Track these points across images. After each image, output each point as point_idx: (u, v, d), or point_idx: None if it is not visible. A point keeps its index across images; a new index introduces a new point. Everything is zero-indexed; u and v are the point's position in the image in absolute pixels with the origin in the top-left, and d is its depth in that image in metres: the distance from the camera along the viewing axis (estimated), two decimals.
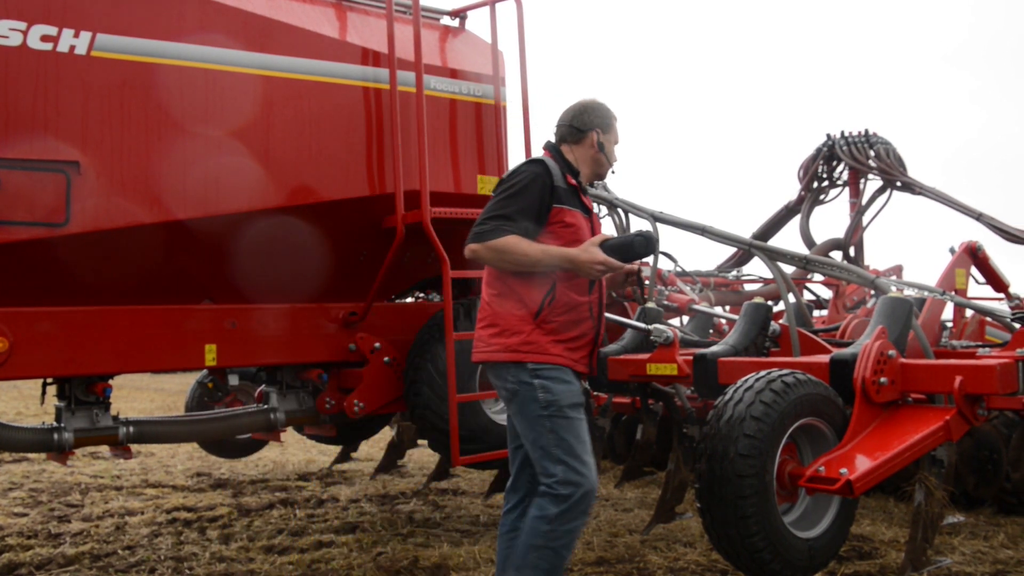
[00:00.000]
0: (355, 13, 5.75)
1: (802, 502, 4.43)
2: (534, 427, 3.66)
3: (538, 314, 3.68)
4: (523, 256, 3.60)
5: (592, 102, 4.03)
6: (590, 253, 3.65)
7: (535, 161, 3.81)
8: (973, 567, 5.32)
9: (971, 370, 4.63)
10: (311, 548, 5.98)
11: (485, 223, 3.66)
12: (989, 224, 8.12)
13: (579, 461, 3.63)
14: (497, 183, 3.85)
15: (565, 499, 3.59)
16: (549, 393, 3.64)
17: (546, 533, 3.57)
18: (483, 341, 3.79)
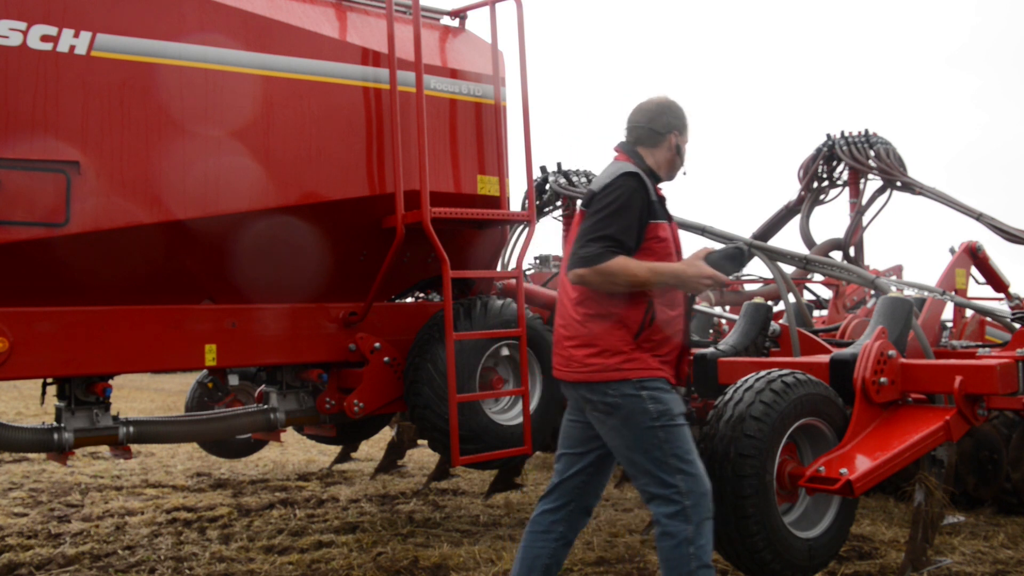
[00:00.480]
0: (355, 13, 5.75)
1: (802, 502, 4.43)
2: (644, 438, 3.52)
3: (639, 334, 3.57)
4: (632, 278, 3.48)
5: (669, 102, 3.86)
6: (697, 268, 3.57)
7: (631, 175, 3.60)
8: (973, 567, 5.32)
9: (971, 370, 4.63)
10: (311, 548, 5.98)
11: (590, 245, 3.50)
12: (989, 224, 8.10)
13: (694, 467, 3.55)
14: (590, 198, 3.66)
15: (693, 509, 3.50)
16: (659, 403, 3.53)
17: (694, 554, 3.48)
18: (577, 361, 3.61)
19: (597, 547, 5.86)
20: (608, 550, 5.78)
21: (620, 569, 5.37)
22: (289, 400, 5.82)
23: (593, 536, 6.15)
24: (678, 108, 3.84)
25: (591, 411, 3.66)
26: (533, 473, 8.78)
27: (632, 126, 3.84)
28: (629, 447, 3.57)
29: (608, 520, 6.66)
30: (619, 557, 5.61)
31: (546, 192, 8.95)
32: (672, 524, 3.49)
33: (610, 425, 3.59)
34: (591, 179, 8.71)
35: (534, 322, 6.18)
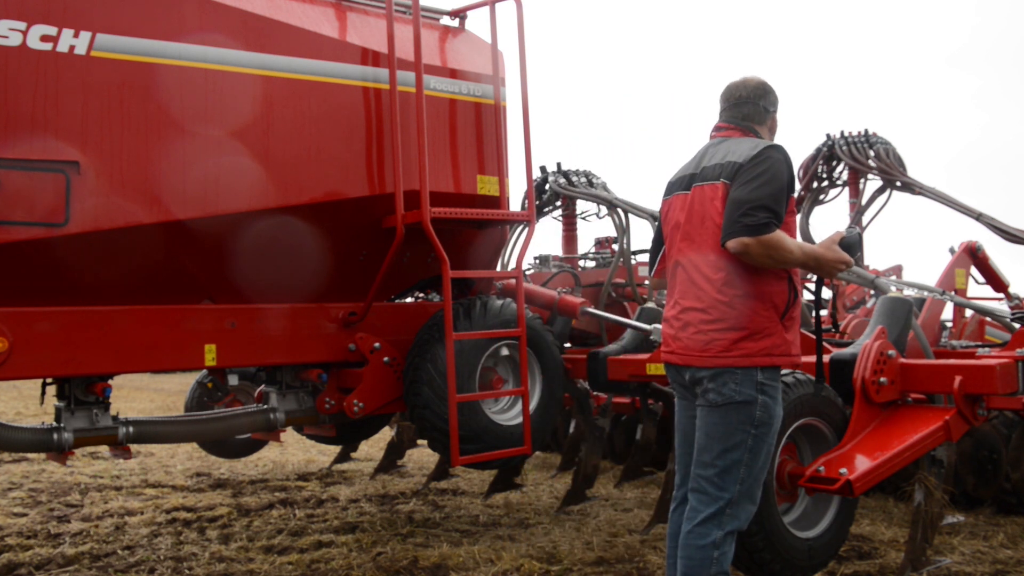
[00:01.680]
0: (355, 13, 5.75)
1: (802, 502, 4.44)
2: (734, 437, 3.47)
3: (785, 313, 3.51)
4: (788, 254, 3.39)
5: (765, 82, 3.79)
6: (835, 252, 3.52)
7: (776, 147, 3.52)
8: (972, 567, 5.32)
9: (971, 370, 4.64)
10: (311, 548, 5.98)
11: (752, 214, 3.36)
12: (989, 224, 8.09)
13: (755, 485, 3.52)
14: (735, 168, 3.49)
15: (730, 519, 3.47)
16: (766, 412, 3.49)
17: (717, 559, 3.45)
18: (720, 344, 3.47)
19: (597, 547, 5.86)
20: (608, 550, 5.78)
21: (619, 569, 5.37)
22: (289, 400, 5.82)
23: (593, 536, 6.15)
24: (766, 86, 3.80)
25: (702, 397, 3.56)
26: (533, 473, 8.78)
27: (739, 101, 3.75)
28: (715, 437, 3.51)
29: (608, 520, 6.66)
30: (619, 557, 5.61)
31: (546, 192, 8.96)
32: (703, 526, 3.48)
33: (716, 415, 3.53)
34: (591, 179, 8.71)
35: (534, 322, 6.18)
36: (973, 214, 8.18)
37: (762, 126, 3.75)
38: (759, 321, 3.46)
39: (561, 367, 6.33)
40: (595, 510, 7.00)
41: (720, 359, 3.48)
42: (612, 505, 7.21)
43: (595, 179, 8.75)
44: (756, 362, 3.46)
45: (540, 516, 6.91)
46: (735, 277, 3.47)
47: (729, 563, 3.48)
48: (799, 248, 3.45)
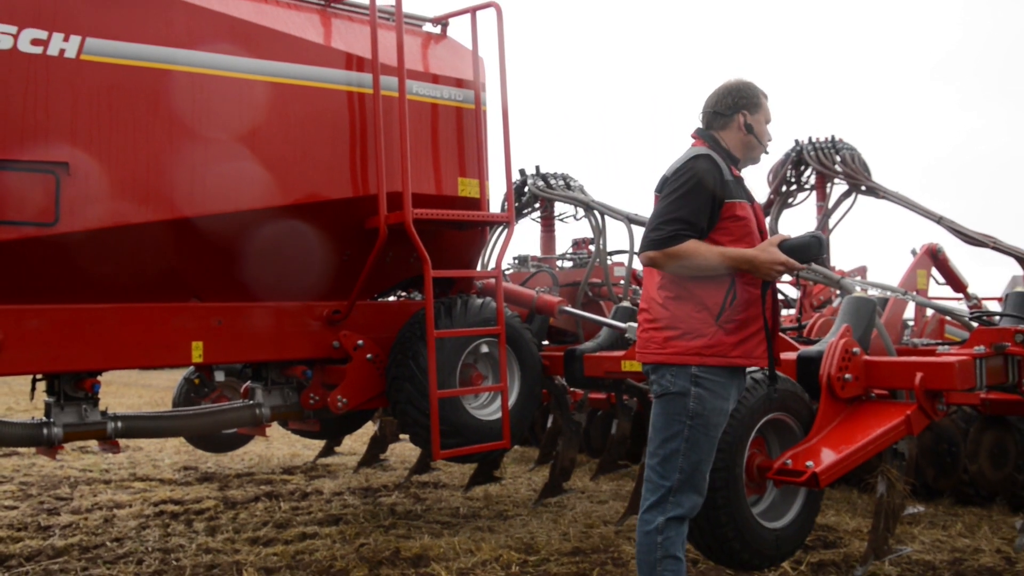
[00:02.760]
0: (339, 19, 5.72)
1: (770, 494, 4.46)
2: (672, 429, 3.50)
3: (720, 315, 3.49)
4: (703, 261, 3.40)
5: (736, 82, 3.72)
6: (770, 254, 3.45)
7: (702, 156, 3.52)
8: (932, 555, 5.36)
9: (931, 367, 4.68)
10: (295, 540, 5.95)
11: (660, 228, 3.42)
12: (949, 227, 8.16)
13: (696, 476, 3.51)
14: (662, 183, 3.56)
15: (672, 507, 3.49)
16: (700, 405, 3.48)
17: (661, 543, 3.47)
18: (657, 343, 3.55)
19: (573, 537, 5.87)
20: (583, 540, 5.79)
21: (595, 559, 5.38)
22: (274, 396, 5.80)
23: (569, 527, 6.16)
24: (746, 87, 3.71)
25: (651, 388, 3.61)
26: (512, 466, 8.78)
27: (703, 112, 3.75)
28: (656, 428, 3.56)
29: (584, 512, 6.67)
30: (594, 547, 5.62)
31: (525, 194, 8.95)
32: (648, 513, 3.52)
33: (655, 405, 3.58)
34: (568, 182, 8.72)
35: (513, 320, 6.18)
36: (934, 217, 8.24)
37: (724, 130, 3.68)
38: (691, 323, 3.49)
39: (539, 364, 6.33)
40: (571, 502, 7.01)
41: (655, 355, 3.55)
42: (588, 497, 7.22)
43: (572, 182, 8.76)
44: (687, 360, 3.48)
45: (518, 508, 6.92)
46: (668, 281, 3.54)
47: (677, 548, 3.48)
48: (721, 255, 3.42)
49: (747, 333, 3.54)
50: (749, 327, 3.54)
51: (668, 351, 3.51)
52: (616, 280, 8.17)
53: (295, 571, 5.21)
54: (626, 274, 8.00)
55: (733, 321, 3.50)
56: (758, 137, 3.70)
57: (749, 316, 3.54)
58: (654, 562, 3.46)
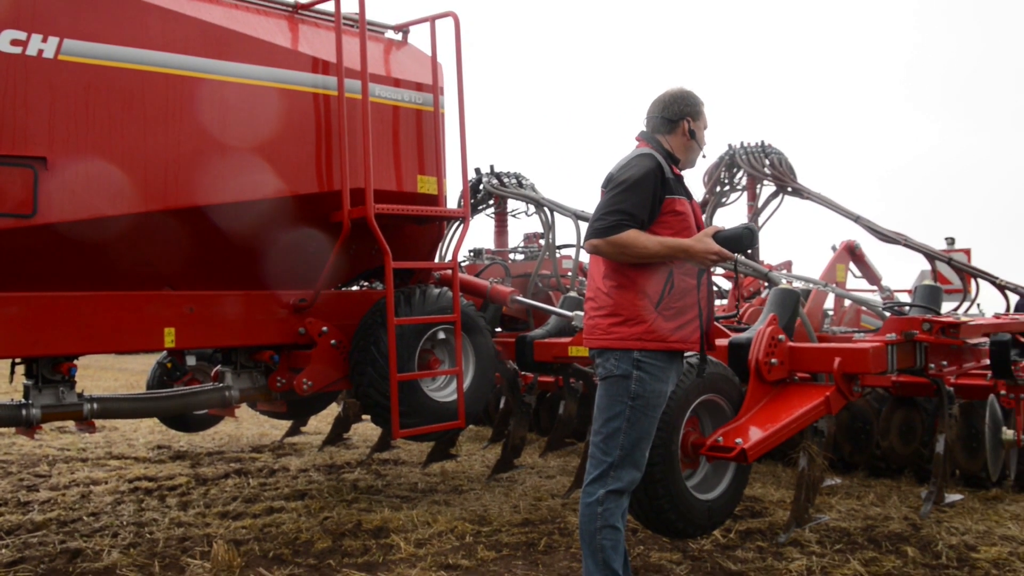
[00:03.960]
0: (306, 25, 5.65)
1: (703, 468, 4.50)
2: (614, 409, 3.53)
3: (659, 302, 3.51)
4: (643, 249, 3.42)
5: (680, 91, 3.75)
6: (705, 244, 3.47)
7: (646, 155, 3.56)
8: (847, 523, 5.47)
9: (848, 352, 4.76)
10: (263, 513, 5.90)
11: (604, 218, 3.45)
12: (866, 226, 8.30)
13: (637, 454, 3.54)
14: (608, 177, 3.59)
15: (612, 480, 3.52)
16: (642, 387, 3.50)
17: (601, 514, 3.51)
18: (602, 329, 3.58)
19: (523, 510, 5.88)
20: (533, 512, 5.81)
21: (543, 529, 5.41)
22: (243, 379, 5.73)
23: (520, 500, 6.17)
24: (690, 96, 3.75)
25: (598, 371, 3.63)
26: (467, 445, 8.78)
27: (649, 116, 3.77)
28: (600, 408, 3.59)
29: (533, 486, 6.69)
30: (542, 518, 5.65)
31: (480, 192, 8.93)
32: (591, 486, 3.56)
33: (600, 387, 3.61)
34: (521, 180, 8.72)
35: (468, 309, 6.17)
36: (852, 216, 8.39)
37: (667, 135, 3.72)
38: (633, 309, 3.52)
39: (492, 349, 6.34)
40: (522, 477, 7.03)
41: (600, 340, 3.58)
42: (537, 473, 7.24)
43: (524, 180, 8.76)
44: (629, 345, 3.51)
45: (473, 483, 6.92)
46: (612, 271, 3.57)
47: (616, 518, 3.52)
48: (660, 243, 3.44)
49: (684, 320, 3.57)
50: (686, 314, 3.58)
51: (612, 336, 3.54)
52: (564, 272, 8.19)
53: (263, 543, 5.16)
54: (573, 266, 8.03)
55: (671, 308, 3.53)
56: (698, 142, 3.75)
57: (686, 304, 3.58)
58: (594, 531, 3.50)
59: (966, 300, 8.32)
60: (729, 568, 4.58)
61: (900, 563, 4.67)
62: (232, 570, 4.59)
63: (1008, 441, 5.87)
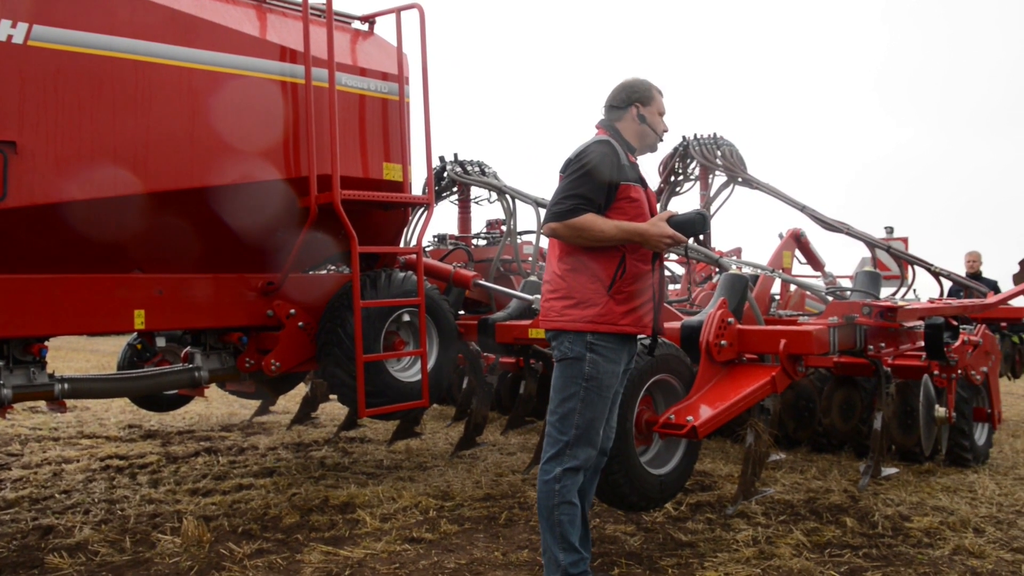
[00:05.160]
0: (274, 15, 5.56)
1: (656, 444, 4.55)
2: (569, 390, 3.52)
3: (611, 286, 3.49)
4: (600, 233, 3.40)
5: (631, 79, 3.72)
6: (659, 228, 3.46)
7: (602, 142, 3.53)
8: (791, 495, 5.56)
9: (793, 335, 4.83)
10: (232, 490, 5.84)
11: (562, 202, 3.42)
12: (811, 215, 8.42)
13: (591, 433, 3.53)
14: (566, 163, 3.54)
15: (569, 459, 3.51)
16: (595, 369, 3.50)
17: (559, 491, 3.51)
18: (556, 311, 3.55)
19: (485, 485, 5.90)
20: (494, 487, 5.82)
21: (504, 503, 5.43)
22: (212, 360, 5.66)
23: (481, 476, 6.19)
24: (639, 83, 3.72)
25: (554, 353, 3.62)
26: (431, 423, 8.77)
27: (605, 106, 3.75)
28: (556, 389, 3.58)
29: (495, 462, 6.71)
30: (503, 493, 5.66)
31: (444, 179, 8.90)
32: (548, 464, 3.56)
33: (556, 368, 3.59)
34: (483, 168, 8.69)
35: (432, 292, 6.15)
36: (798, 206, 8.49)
37: (621, 121, 3.70)
38: (585, 293, 3.51)
39: (455, 331, 6.32)
40: (484, 454, 7.04)
41: (554, 323, 3.57)
42: (498, 450, 7.26)
43: (487, 168, 8.74)
44: (581, 327, 3.50)
45: (436, 460, 6.92)
46: (567, 255, 3.55)
47: (572, 495, 3.54)
48: (616, 227, 3.43)
49: (636, 304, 3.56)
50: (638, 298, 3.57)
51: (565, 319, 3.53)
52: (525, 257, 8.20)
53: (232, 519, 5.11)
54: (534, 251, 8.03)
55: (623, 292, 3.52)
56: (651, 127, 3.71)
57: (638, 288, 3.57)
58: (552, 507, 3.52)
59: (903, 286, 8.49)
60: (680, 539, 4.64)
61: (839, 533, 4.76)
62: (202, 545, 4.55)
63: (940, 418, 6.00)
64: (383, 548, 4.53)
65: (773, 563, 4.23)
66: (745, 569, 4.13)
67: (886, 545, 4.56)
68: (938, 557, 4.36)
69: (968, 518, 5.03)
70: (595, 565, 4.21)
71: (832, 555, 4.39)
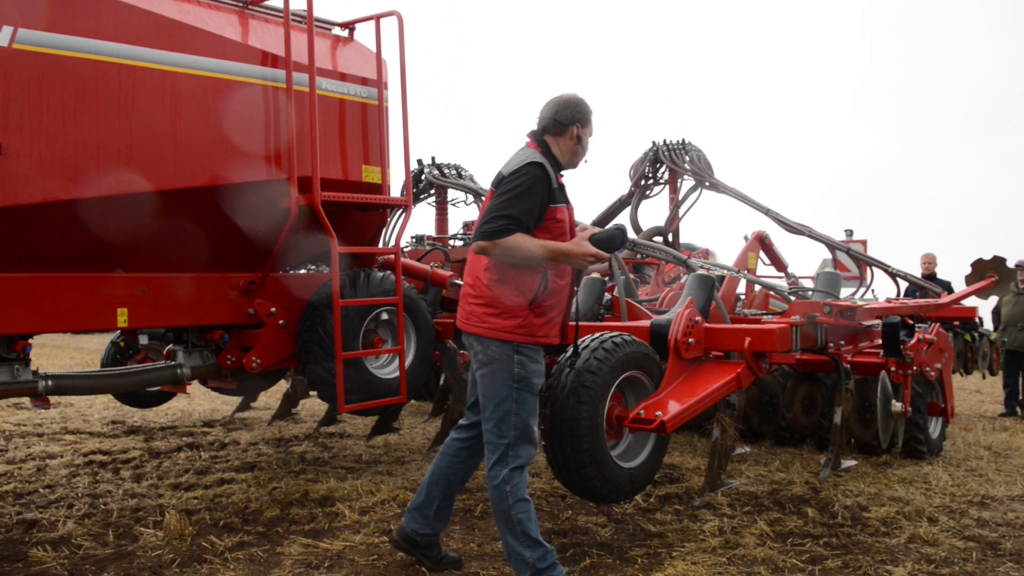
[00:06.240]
0: (256, 20, 5.51)
1: (626, 439, 4.56)
2: (502, 394, 3.56)
3: (533, 300, 3.56)
4: (528, 253, 3.45)
5: (573, 97, 3.73)
6: (582, 247, 3.53)
7: (536, 164, 3.54)
8: (755, 487, 5.61)
9: (757, 333, 4.87)
10: (214, 485, 5.79)
11: (493, 222, 3.45)
12: (775, 218, 8.50)
13: (529, 431, 3.58)
14: (499, 180, 3.58)
15: (512, 459, 3.56)
16: (524, 371, 3.56)
17: (510, 492, 3.54)
18: (478, 317, 3.61)
19: None
20: (470, 481, 5.78)
21: (479, 496, 5.43)
22: (194, 357, 5.61)
23: None
24: (582, 103, 3.74)
25: (474, 358, 3.67)
26: (408, 419, 8.75)
27: (541, 117, 3.75)
28: (488, 396, 3.61)
29: None
30: (478, 487, 5.66)
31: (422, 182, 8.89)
32: (493, 469, 3.59)
33: (482, 373, 3.62)
34: (460, 171, 8.69)
35: (409, 292, 6.13)
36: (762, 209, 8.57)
37: (559, 137, 3.71)
38: (509, 304, 3.57)
39: (432, 329, 6.31)
40: None
41: (476, 328, 3.62)
42: None
43: (464, 171, 8.74)
44: (501, 336, 3.56)
45: (414, 454, 6.90)
46: (495, 266, 3.60)
47: (523, 492, 3.58)
48: (543, 247, 3.48)
49: (551, 316, 3.65)
50: (553, 311, 3.66)
51: (487, 326, 3.58)
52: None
53: (214, 512, 5.07)
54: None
55: (542, 307, 3.60)
56: (583, 148, 3.77)
57: (554, 302, 3.65)
58: (507, 508, 3.55)
59: (862, 286, 8.59)
60: (649, 529, 4.67)
61: (801, 522, 4.81)
62: (184, 538, 4.50)
63: (897, 413, 6.08)
64: (362, 540, 4.51)
65: (738, 552, 4.27)
66: (712, 558, 4.17)
67: (845, 534, 4.61)
68: (894, 545, 4.42)
69: (923, 508, 5.11)
70: (567, 556, 4.23)
71: (794, 544, 4.44)
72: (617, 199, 10.00)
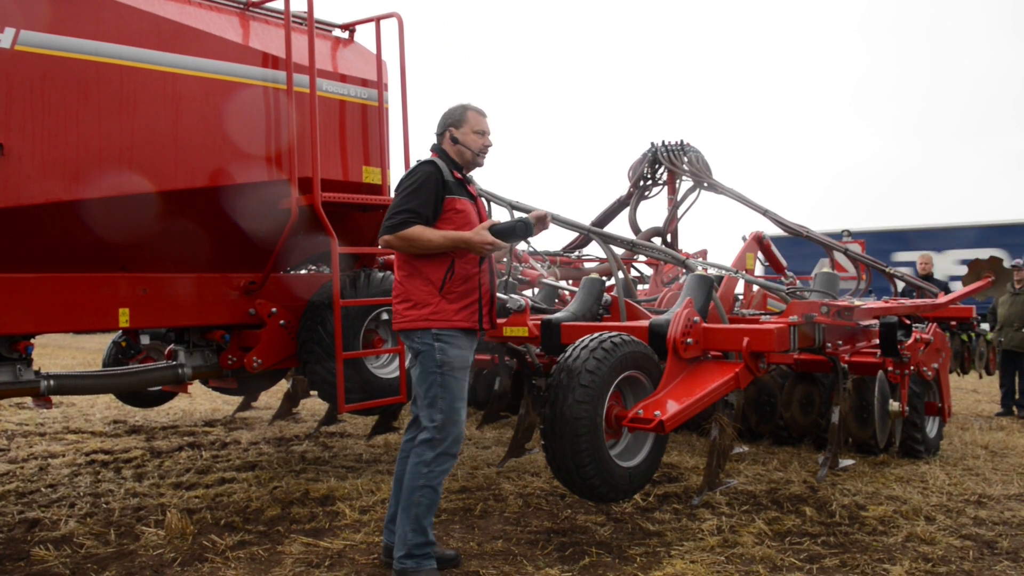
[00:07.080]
0: (257, 22, 5.51)
1: (625, 438, 4.55)
2: (427, 380, 3.73)
3: (442, 288, 3.74)
4: (428, 242, 3.67)
5: (448, 109, 4.01)
6: (481, 236, 3.71)
7: (428, 162, 3.82)
8: (754, 486, 5.61)
9: (756, 333, 4.86)
10: (215, 484, 5.79)
11: (394, 217, 3.68)
12: (773, 219, 8.49)
13: (456, 413, 3.74)
14: (399, 182, 3.84)
15: (440, 443, 3.71)
16: (445, 355, 3.72)
17: (425, 474, 3.70)
18: (399, 314, 3.81)
19: (460, 478, 5.89)
20: (470, 480, 5.82)
21: (479, 495, 5.42)
22: (195, 357, 5.61)
23: (458, 469, 6.17)
24: (452, 109, 3.98)
25: (408, 351, 3.89)
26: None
27: None
28: (418, 383, 3.80)
29: (470, 456, 6.70)
30: (479, 485, 5.66)
31: None
32: (421, 447, 3.76)
33: (412, 365, 3.84)
34: None
35: None
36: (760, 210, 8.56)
37: (443, 144, 3.96)
38: (420, 295, 3.77)
39: None
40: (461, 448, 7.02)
41: (399, 324, 3.83)
42: (474, 444, 7.26)
43: None
44: (419, 325, 3.75)
45: None
46: (403, 262, 3.83)
47: (438, 481, 3.74)
48: (442, 236, 3.69)
49: (467, 302, 3.82)
50: (468, 297, 3.82)
51: (407, 319, 3.79)
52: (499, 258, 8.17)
53: (215, 511, 5.06)
54: (509, 252, 8.02)
55: (453, 292, 3.78)
56: (465, 145, 3.93)
57: (468, 288, 3.82)
58: (416, 488, 3.71)
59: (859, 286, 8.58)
60: (648, 528, 4.66)
61: (799, 521, 4.80)
62: (185, 537, 4.50)
63: (894, 412, 6.07)
64: (362, 539, 4.51)
65: (736, 551, 4.26)
66: (710, 557, 4.16)
67: (843, 533, 4.61)
68: (892, 544, 4.42)
69: (920, 507, 5.10)
70: (566, 554, 4.22)
71: (792, 543, 4.43)
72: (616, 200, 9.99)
